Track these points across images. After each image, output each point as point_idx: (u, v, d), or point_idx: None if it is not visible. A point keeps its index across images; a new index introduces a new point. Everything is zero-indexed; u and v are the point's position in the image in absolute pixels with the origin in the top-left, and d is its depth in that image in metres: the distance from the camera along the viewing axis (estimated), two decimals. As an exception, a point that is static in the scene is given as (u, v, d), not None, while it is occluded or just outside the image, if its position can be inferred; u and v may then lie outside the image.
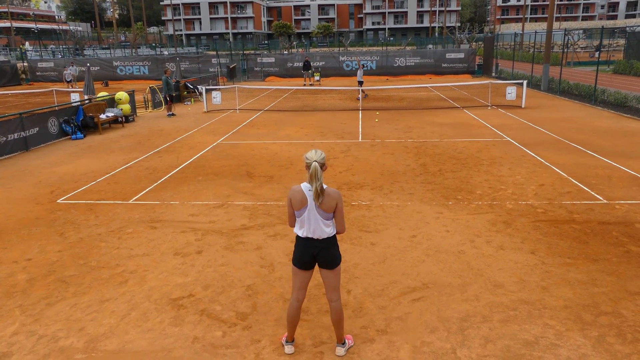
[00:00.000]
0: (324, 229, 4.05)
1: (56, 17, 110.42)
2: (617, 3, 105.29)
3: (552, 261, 6.04)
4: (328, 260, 4.14)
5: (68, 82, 32.23)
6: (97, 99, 17.56)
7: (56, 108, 15.52)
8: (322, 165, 4.02)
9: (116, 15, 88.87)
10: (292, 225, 4.18)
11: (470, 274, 5.76)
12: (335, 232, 4.13)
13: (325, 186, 4.00)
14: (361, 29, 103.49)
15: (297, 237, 4.17)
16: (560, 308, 4.99)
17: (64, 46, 60.60)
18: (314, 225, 4.03)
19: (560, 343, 4.43)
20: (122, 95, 17.94)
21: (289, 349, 4.40)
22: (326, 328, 4.75)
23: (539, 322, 4.76)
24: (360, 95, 22.60)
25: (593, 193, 8.56)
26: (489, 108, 19.22)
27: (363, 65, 24.59)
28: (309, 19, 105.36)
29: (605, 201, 8.14)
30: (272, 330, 4.74)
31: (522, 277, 5.66)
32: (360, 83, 23.05)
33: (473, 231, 7.03)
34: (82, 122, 15.66)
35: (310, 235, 4.07)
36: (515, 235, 6.86)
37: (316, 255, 4.12)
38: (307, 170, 4.02)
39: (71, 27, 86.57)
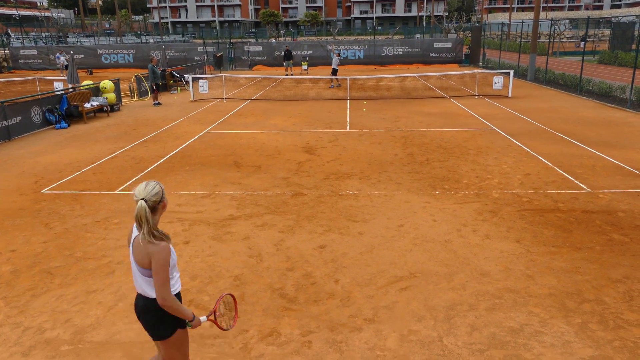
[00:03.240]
0: (145, 287, 3.07)
1: (38, 3, 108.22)
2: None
3: (537, 250, 6.12)
4: (148, 327, 3.16)
5: (66, 68, 31.62)
6: (82, 88, 17.30)
7: (39, 97, 15.26)
8: (157, 203, 2.97)
9: (100, 2, 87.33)
10: None
11: (456, 263, 5.82)
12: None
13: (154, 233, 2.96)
14: (349, 18, 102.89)
15: None
16: (545, 296, 5.07)
17: (46, 33, 59.50)
18: (135, 277, 3.14)
19: (545, 330, 4.50)
20: (107, 83, 17.69)
21: None
22: (314, 317, 4.77)
23: (524, 309, 4.83)
24: (333, 84, 23.00)
25: (577, 182, 8.67)
26: (476, 98, 19.31)
27: (338, 53, 24.73)
28: (297, 7, 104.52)
29: (589, 190, 8.25)
30: (260, 321, 4.75)
31: (508, 265, 5.73)
32: (335, 71, 23.28)
33: (460, 220, 7.09)
34: (67, 111, 15.44)
35: (137, 288, 3.17)
36: (501, 224, 6.93)
37: (138, 315, 3.18)
38: None
39: (54, 14, 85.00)
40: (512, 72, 20.09)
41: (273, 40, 49.68)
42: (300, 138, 12.65)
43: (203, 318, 3.28)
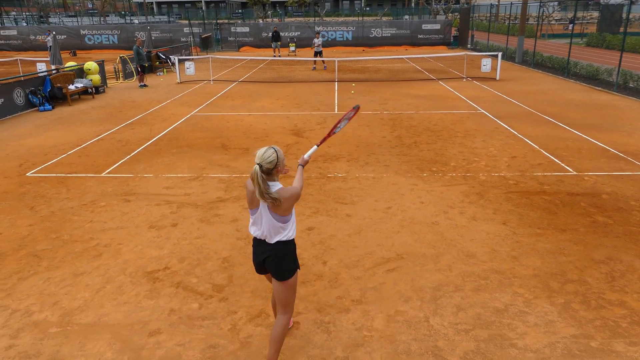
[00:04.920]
0: (280, 232, 3.48)
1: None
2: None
3: (522, 231, 6.20)
4: (278, 268, 3.57)
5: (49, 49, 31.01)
6: (65, 69, 17.00)
7: (22, 78, 14.98)
8: (270, 170, 3.35)
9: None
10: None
11: (443, 245, 5.88)
12: (290, 237, 3.52)
13: (278, 187, 3.39)
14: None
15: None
16: (529, 277, 5.15)
17: (27, 13, 58.11)
18: (263, 228, 3.50)
19: (529, 310, 4.59)
20: (91, 65, 17.40)
21: None
22: (302, 299, 4.80)
23: (509, 290, 4.91)
24: (315, 66, 22.95)
25: (563, 165, 8.76)
26: (464, 80, 19.32)
27: (318, 33, 24.73)
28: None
29: (574, 173, 8.35)
30: (249, 302, 4.78)
31: (494, 247, 5.81)
32: (319, 53, 23.22)
33: (447, 202, 7.15)
34: (50, 93, 15.18)
35: (262, 238, 3.56)
36: (488, 206, 7.00)
37: (264, 261, 3.59)
38: None
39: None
40: (500, 54, 20.11)
41: (260, 21, 49.06)
42: (288, 120, 12.59)
43: (312, 149, 3.97)
